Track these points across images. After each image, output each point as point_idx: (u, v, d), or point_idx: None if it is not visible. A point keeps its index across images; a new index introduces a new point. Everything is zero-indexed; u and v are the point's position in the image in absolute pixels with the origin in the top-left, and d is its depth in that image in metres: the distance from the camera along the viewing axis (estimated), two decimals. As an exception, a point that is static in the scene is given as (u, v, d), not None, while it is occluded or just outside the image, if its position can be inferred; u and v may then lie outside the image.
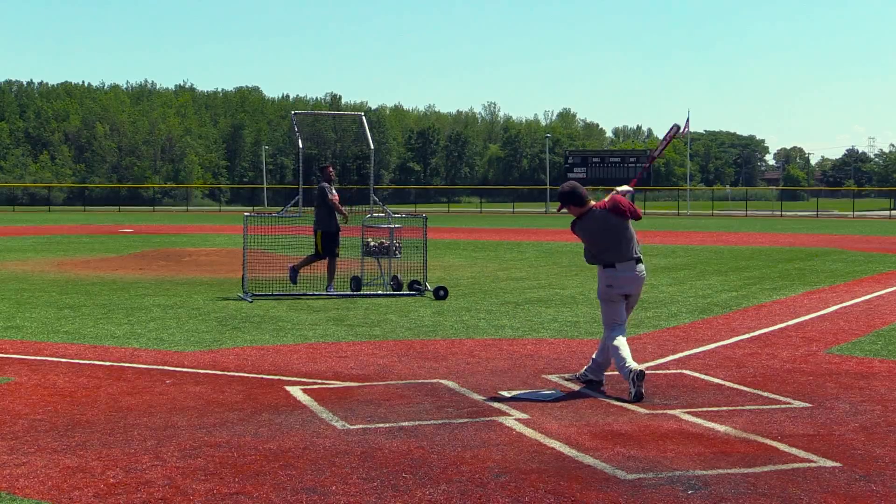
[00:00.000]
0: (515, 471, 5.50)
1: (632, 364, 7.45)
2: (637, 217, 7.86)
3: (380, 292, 14.47)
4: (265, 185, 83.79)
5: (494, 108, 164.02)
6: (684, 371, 8.56)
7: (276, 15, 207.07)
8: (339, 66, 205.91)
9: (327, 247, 14.67)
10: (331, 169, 15.12)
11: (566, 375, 8.28)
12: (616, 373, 8.11)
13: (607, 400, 7.40)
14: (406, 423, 6.54)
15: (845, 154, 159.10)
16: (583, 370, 8.07)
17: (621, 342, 7.65)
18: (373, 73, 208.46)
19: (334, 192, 14.85)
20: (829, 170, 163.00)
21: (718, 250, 26.11)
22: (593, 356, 8.02)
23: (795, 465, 5.64)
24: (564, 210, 7.94)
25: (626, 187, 8.17)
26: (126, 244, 27.99)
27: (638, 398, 7.28)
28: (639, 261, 7.84)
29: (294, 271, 14.50)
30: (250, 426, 6.45)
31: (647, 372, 7.59)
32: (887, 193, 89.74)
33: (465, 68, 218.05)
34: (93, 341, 10.01)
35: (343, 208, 15.08)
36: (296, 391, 7.56)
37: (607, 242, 7.78)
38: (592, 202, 7.92)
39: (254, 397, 7.34)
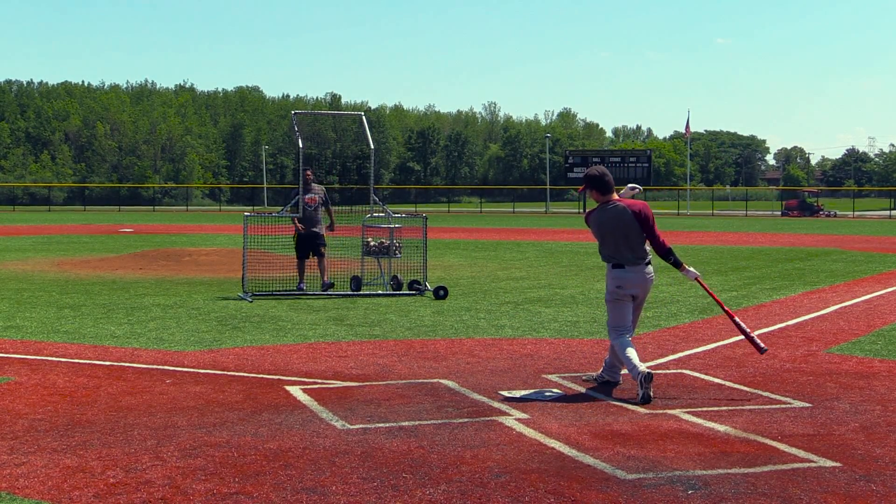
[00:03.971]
0: (515, 471, 5.50)
1: (640, 366, 7.40)
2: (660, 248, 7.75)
3: (380, 292, 14.47)
4: (265, 185, 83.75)
5: (494, 108, 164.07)
6: (684, 371, 8.56)
7: (276, 15, 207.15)
8: (339, 66, 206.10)
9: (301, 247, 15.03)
10: (308, 173, 15.15)
11: (583, 376, 8.19)
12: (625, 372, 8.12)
13: (607, 400, 7.40)
14: (406, 423, 6.54)
15: (845, 154, 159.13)
16: (600, 371, 8.05)
17: (629, 347, 7.56)
18: (373, 73, 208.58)
19: (310, 195, 14.92)
20: (829, 170, 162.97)
21: (718, 250, 26.11)
22: (606, 359, 7.99)
23: (795, 465, 5.64)
24: (587, 193, 7.85)
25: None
26: (126, 244, 27.99)
27: (645, 401, 7.23)
28: (648, 262, 7.76)
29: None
30: (250, 426, 6.45)
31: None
32: (887, 193, 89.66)
33: (465, 68, 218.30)
34: (93, 341, 10.01)
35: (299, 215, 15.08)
36: (296, 391, 7.55)
37: (617, 241, 7.67)
38: (616, 196, 7.83)
39: (254, 397, 7.34)
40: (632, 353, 7.54)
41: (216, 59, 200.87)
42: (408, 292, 14.41)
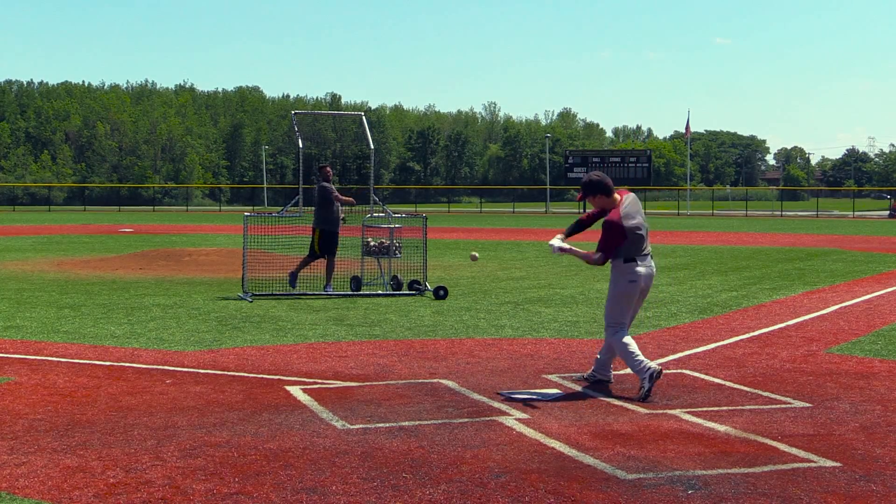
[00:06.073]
0: (515, 471, 5.50)
1: (648, 363, 7.43)
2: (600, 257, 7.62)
3: (380, 292, 14.47)
4: (265, 185, 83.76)
5: (494, 108, 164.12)
6: (684, 371, 8.56)
7: (276, 15, 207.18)
8: (339, 66, 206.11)
9: (325, 246, 14.71)
10: (329, 169, 15.21)
11: (574, 375, 8.23)
12: (622, 372, 8.12)
13: (607, 400, 7.40)
14: (406, 423, 6.54)
15: (845, 154, 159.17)
16: (590, 371, 8.05)
17: (630, 341, 7.61)
18: (373, 73, 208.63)
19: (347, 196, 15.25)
20: (829, 170, 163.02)
21: (718, 250, 26.10)
22: (598, 356, 8.00)
23: (795, 465, 5.64)
24: (588, 200, 7.71)
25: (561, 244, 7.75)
26: (126, 244, 27.99)
27: (644, 398, 7.27)
28: (650, 256, 7.80)
29: (293, 276, 14.53)
30: (250, 426, 6.45)
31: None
32: (887, 193, 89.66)
33: (465, 68, 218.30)
34: (93, 341, 10.01)
35: (346, 198, 15.27)
36: (296, 391, 7.56)
37: (644, 234, 7.67)
38: (616, 195, 7.75)
39: (254, 397, 7.34)
40: (635, 348, 7.57)
41: (216, 59, 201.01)
42: (408, 292, 14.41)
